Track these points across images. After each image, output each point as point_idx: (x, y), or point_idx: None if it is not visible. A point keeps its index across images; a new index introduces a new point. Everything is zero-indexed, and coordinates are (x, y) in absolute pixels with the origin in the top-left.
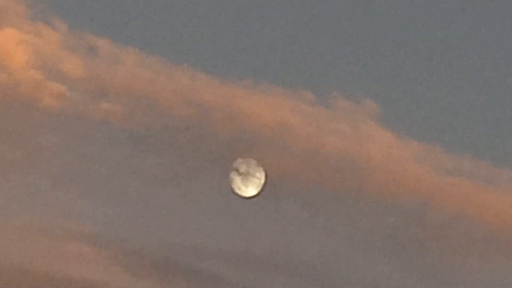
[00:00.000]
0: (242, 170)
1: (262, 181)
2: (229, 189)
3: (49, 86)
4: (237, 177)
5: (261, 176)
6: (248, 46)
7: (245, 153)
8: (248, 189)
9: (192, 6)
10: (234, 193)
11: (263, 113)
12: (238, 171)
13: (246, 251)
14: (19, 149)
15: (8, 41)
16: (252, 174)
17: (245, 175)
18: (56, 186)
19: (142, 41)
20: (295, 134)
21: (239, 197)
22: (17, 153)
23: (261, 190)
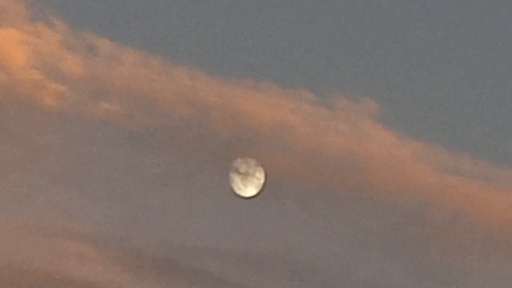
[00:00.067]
0: (242, 170)
1: (262, 181)
2: (228, 189)
3: (48, 86)
4: (236, 177)
5: (260, 176)
6: (248, 46)
7: (244, 153)
8: (247, 189)
9: (192, 5)
10: (233, 193)
11: (263, 112)
12: (237, 171)
13: (246, 251)
14: (19, 148)
15: (7, 41)
16: (251, 174)
17: (244, 175)
18: (55, 186)
19: (142, 41)
20: (295, 133)
21: (239, 197)
22: (16, 152)
23: (261, 190)
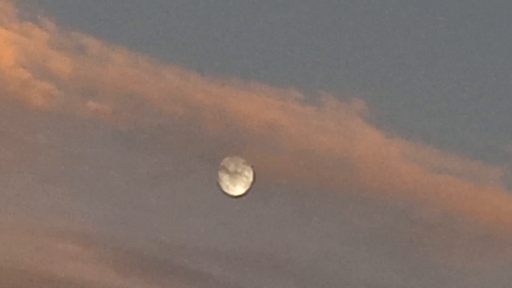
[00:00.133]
0: (230, 169)
1: (250, 179)
2: (217, 187)
3: (37, 85)
4: (225, 175)
5: (249, 174)
6: (236, 45)
7: (233, 151)
8: (236, 187)
9: (181, 5)
10: (222, 191)
11: (252, 111)
12: (226, 170)
13: (234, 250)
14: (7, 148)
15: None
16: (240, 173)
17: (233, 174)
18: (44, 185)
19: (131, 40)
20: (284, 132)
21: (227, 195)
22: (4, 152)
23: (249, 189)
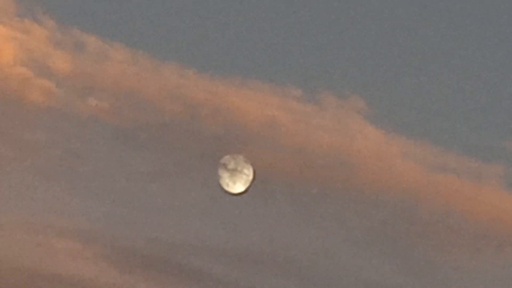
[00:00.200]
0: (230, 167)
1: (250, 177)
2: (217, 185)
3: (36, 82)
4: (225, 173)
5: (249, 172)
6: (235, 42)
7: (233, 149)
8: (236, 185)
9: (181, 3)
10: (222, 189)
11: (251, 109)
12: (226, 168)
13: (234, 247)
14: (6, 145)
15: None
16: (240, 171)
17: (233, 172)
18: (43, 183)
19: (130, 37)
20: (283, 130)
21: (227, 193)
22: (4, 149)
23: (249, 187)
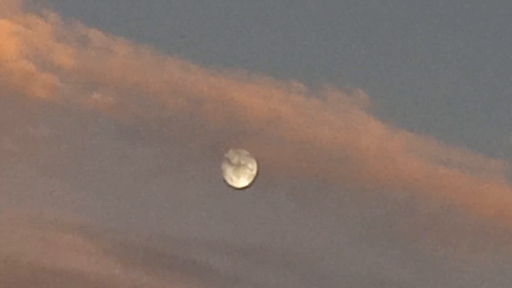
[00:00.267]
0: (234, 161)
1: (254, 172)
2: (221, 180)
3: (40, 77)
4: (229, 168)
5: (253, 167)
6: (240, 37)
7: (237, 144)
8: (240, 180)
9: None
10: (226, 184)
11: (255, 104)
12: (230, 162)
13: (238, 242)
14: (10, 140)
15: None
16: (244, 165)
17: (237, 166)
18: (46, 177)
19: (134, 32)
20: (287, 125)
21: (231, 188)
22: (8, 144)
23: (253, 181)
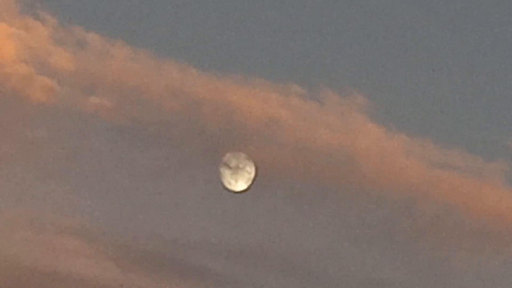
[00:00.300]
0: (232, 164)
1: (252, 175)
2: (219, 183)
3: (38, 80)
4: (227, 171)
5: (251, 170)
6: (237, 40)
7: (235, 147)
8: (238, 183)
9: (182, 0)
10: (224, 187)
11: (253, 107)
12: (228, 165)
13: (236, 245)
14: (8, 142)
15: None
16: (242, 168)
17: (235, 169)
18: (45, 180)
19: (132, 35)
20: (285, 128)
21: (229, 191)
22: (5, 146)
23: (251, 184)
